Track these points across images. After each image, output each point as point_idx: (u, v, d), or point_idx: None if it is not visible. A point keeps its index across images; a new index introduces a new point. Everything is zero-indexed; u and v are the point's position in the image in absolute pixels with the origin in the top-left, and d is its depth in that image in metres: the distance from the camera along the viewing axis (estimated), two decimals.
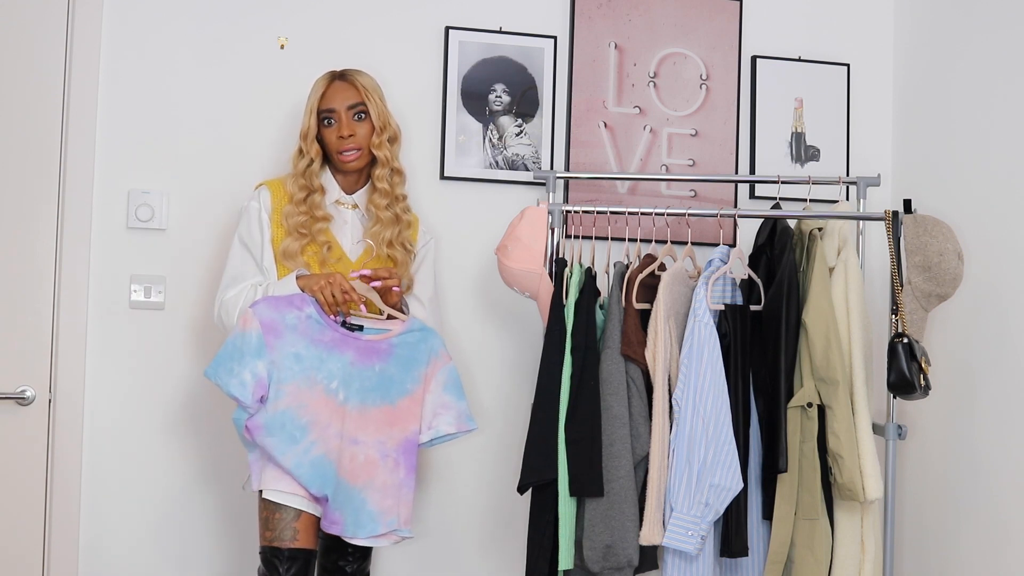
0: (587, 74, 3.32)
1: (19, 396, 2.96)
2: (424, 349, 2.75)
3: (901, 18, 3.52)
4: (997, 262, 3.00)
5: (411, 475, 2.71)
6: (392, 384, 2.71)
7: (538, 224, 2.88)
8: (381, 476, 2.67)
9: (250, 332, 2.60)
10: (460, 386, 2.78)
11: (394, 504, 2.69)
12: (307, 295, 2.67)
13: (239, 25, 3.14)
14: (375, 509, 2.66)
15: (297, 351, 2.63)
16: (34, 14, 3.01)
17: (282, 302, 2.65)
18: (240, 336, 2.61)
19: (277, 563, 2.62)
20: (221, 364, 2.60)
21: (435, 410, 2.74)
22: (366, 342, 2.70)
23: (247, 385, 2.59)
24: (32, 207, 3.00)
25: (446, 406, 2.75)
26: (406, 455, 2.71)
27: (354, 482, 2.66)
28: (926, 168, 3.36)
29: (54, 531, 2.97)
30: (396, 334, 2.73)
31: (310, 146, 2.80)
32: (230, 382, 2.59)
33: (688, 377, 2.74)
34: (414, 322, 2.77)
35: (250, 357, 2.60)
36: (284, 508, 2.64)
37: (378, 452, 2.68)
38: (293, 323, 2.63)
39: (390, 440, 2.69)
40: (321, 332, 2.66)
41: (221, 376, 2.59)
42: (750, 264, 2.97)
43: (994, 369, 3.00)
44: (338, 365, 2.66)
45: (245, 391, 2.59)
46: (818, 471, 2.81)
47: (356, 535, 2.66)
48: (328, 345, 2.66)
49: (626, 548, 2.72)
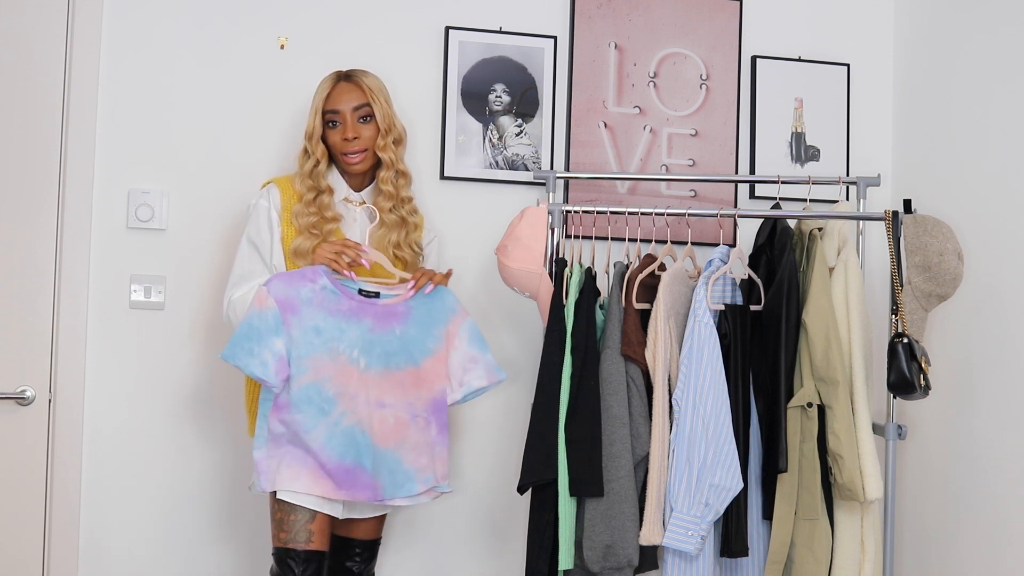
0: (587, 74, 3.32)
1: (19, 396, 2.96)
2: (441, 308, 2.75)
3: (901, 18, 3.52)
4: (997, 262, 3.00)
5: (443, 433, 2.71)
6: (414, 345, 2.71)
7: (538, 224, 2.88)
8: (413, 436, 2.67)
9: (267, 311, 2.59)
10: (482, 339, 2.77)
11: (429, 462, 2.69)
12: (318, 267, 2.66)
13: (239, 25, 3.14)
14: (411, 468, 2.67)
15: (316, 324, 2.62)
16: (34, 14, 3.01)
17: (295, 277, 2.64)
18: (257, 315, 2.59)
19: (292, 564, 2.61)
20: (238, 345, 2.57)
21: (464, 365, 2.73)
22: (383, 307, 2.69)
23: (268, 365, 2.57)
24: (32, 207, 3.00)
25: (474, 360, 2.74)
26: (436, 414, 2.71)
27: (386, 445, 2.65)
28: (926, 168, 3.36)
29: (54, 531, 2.97)
30: (411, 296, 2.73)
31: (315, 147, 2.79)
32: (251, 363, 2.57)
33: (688, 377, 2.74)
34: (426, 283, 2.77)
35: (268, 336, 2.58)
36: (299, 509, 2.63)
37: (407, 413, 2.68)
38: (308, 297, 2.63)
39: (418, 400, 2.69)
40: (338, 302, 2.65)
41: (240, 358, 2.57)
42: (750, 264, 2.97)
43: (994, 369, 3.00)
44: (357, 333, 2.66)
45: (267, 371, 2.57)
46: (818, 471, 2.81)
47: (395, 495, 2.66)
48: (346, 314, 2.66)
49: (626, 548, 2.72)
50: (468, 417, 3.20)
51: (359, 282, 2.70)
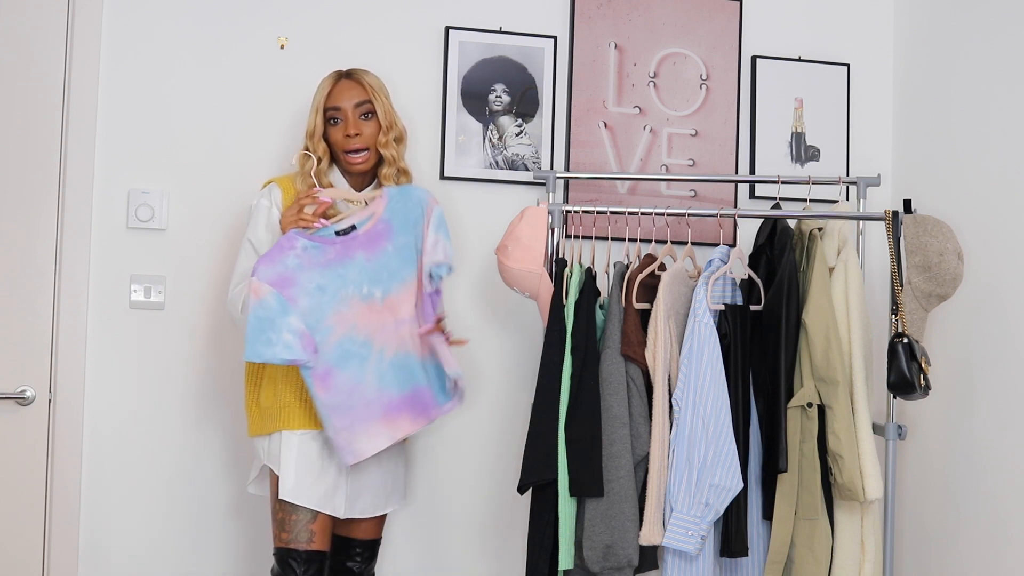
0: (587, 74, 3.32)
1: (19, 396, 2.96)
2: (414, 204, 2.77)
3: (901, 18, 3.52)
4: (997, 262, 3.00)
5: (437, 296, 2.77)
6: (409, 252, 2.74)
7: (538, 224, 2.88)
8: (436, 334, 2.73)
9: (266, 297, 2.58)
10: (446, 226, 2.79)
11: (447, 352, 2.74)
12: (290, 233, 2.65)
13: (239, 25, 3.14)
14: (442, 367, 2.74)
15: (317, 283, 2.64)
16: (34, 14, 3.01)
17: (274, 252, 2.64)
18: (258, 305, 2.58)
19: (294, 564, 2.62)
20: (255, 341, 2.56)
21: (428, 249, 2.75)
22: (365, 235, 2.71)
23: (293, 345, 2.57)
24: (32, 207, 3.00)
25: (436, 242, 2.76)
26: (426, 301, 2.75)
27: (424, 355, 2.72)
28: (926, 168, 3.36)
29: (54, 531, 2.97)
30: (384, 210, 2.74)
31: (316, 145, 2.79)
32: (275, 351, 2.56)
33: (688, 377, 2.74)
34: (389, 190, 2.77)
35: (279, 318, 2.58)
36: (300, 509, 2.63)
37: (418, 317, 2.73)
38: (296, 263, 2.63)
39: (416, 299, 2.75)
40: (324, 253, 2.66)
41: (262, 352, 2.56)
42: (750, 264, 2.97)
43: (994, 369, 3.00)
44: (356, 270, 2.68)
45: (294, 351, 2.57)
46: (818, 471, 2.81)
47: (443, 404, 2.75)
48: (338, 260, 2.67)
49: (626, 548, 2.72)
50: (468, 417, 3.20)
51: (332, 226, 2.69)
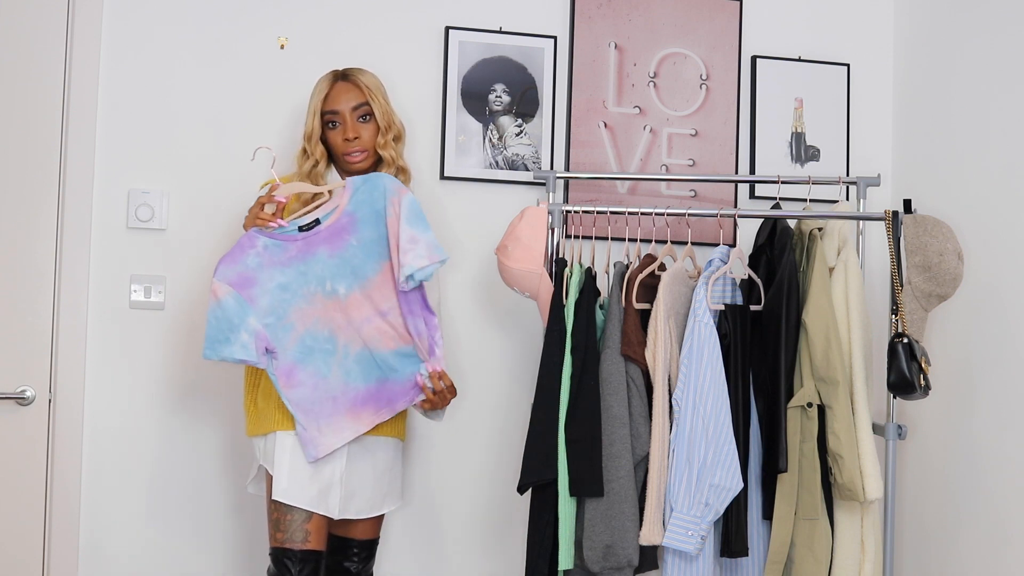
0: (587, 74, 3.32)
1: (19, 396, 2.96)
2: (379, 195, 2.70)
3: (901, 18, 3.52)
4: (997, 262, 3.00)
5: (425, 308, 2.70)
6: (374, 245, 2.69)
7: (538, 224, 2.88)
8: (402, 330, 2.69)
9: (224, 298, 2.58)
10: (422, 216, 2.68)
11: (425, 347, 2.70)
12: (250, 232, 2.64)
13: (239, 25, 3.14)
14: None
15: (278, 281, 2.63)
16: (34, 14, 3.01)
17: (235, 252, 2.63)
18: (216, 306, 2.58)
19: (289, 564, 2.62)
20: (214, 340, 2.57)
21: (404, 247, 2.66)
22: (327, 229, 2.67)
23: (248, 345, 2.58)
24: (32, 207, 3.00)
25: (413, 240, 2.66)
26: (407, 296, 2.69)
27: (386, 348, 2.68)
28: (926, 168, 3.36)
29: (54, 531, 2.97)
30: (347, 202, 2.69)
31: (314, 147, 2.79)
32: (232, 350, 2.57)
33: (688, 377, 2.74)
34: (354, 180, 2.73)
35: (238, 318, 2.58)
36: (295, 510, 2.63)
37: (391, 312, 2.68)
38: (257, 262, 2.62)
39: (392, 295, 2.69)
40: (285, 250, 2.64)
41: (220, 351, 2.57)
42: (750, 264, 2.97)
43: (994, 369, 3.00)
44: (319, 266, 2.65)
45: (249, 351, 2.58)
46: (818, 471, 2.81)
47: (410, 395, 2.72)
48: (299, 257, 2.65)
49: (626, 548, 2.72)
50: (468, 417, 3.20)
51: (295, 222, 2.67)
